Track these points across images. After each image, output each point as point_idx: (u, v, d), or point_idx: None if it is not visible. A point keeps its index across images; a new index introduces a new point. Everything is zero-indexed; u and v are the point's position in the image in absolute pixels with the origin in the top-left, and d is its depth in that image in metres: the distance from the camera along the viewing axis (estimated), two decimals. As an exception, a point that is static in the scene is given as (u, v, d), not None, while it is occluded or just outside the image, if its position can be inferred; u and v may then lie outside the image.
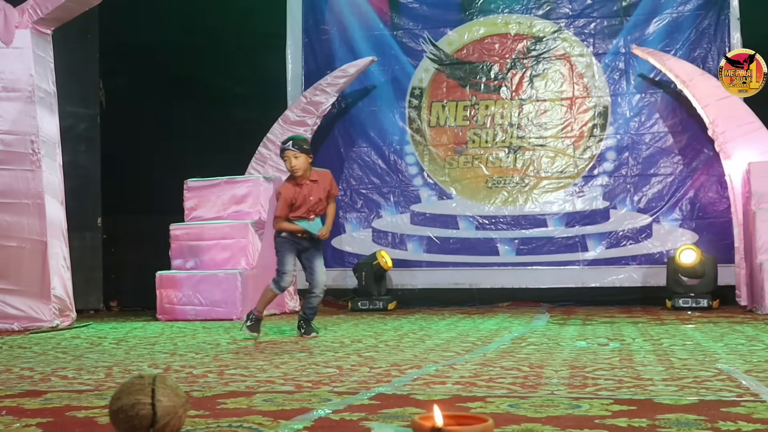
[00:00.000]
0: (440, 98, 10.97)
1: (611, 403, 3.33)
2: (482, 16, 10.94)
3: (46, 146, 8.31)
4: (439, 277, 10.78)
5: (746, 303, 9.24)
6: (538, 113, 10.76)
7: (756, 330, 6.73)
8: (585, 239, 10.53)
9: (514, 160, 10.75)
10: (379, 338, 6.56)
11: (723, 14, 10.30)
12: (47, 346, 6.41)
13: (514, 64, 10.84)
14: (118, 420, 2.58)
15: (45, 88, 8.37)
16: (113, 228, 10.97)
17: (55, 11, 8.25)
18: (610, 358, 4.97)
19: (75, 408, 3.40)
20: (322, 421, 3.04)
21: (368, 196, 11.01)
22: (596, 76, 10.64)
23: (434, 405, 2.45)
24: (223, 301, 9.15)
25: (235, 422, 3.02)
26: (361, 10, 11.11)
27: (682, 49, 10.32)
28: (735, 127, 9.51)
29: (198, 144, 10.83)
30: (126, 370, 4.72)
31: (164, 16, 11.07)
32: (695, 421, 2.92)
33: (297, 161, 6.64)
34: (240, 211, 9.71)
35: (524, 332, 6.84)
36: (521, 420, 2.98)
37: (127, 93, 11.12)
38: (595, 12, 10.68)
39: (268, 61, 11.09)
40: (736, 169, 9.48)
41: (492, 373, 4.36)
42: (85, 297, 9.99)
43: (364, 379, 4.19)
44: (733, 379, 4.01)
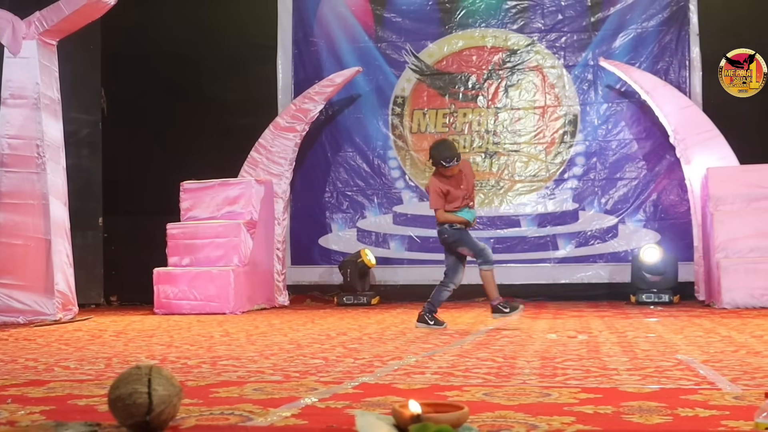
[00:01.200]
0: (421, 106, 10.97)
1: (579, 391, 3.34)
2: (461, 29, 10.94)
3: (51, 150, 8.29)
4: (419, 273, 10.76)
5: (704, 298, 9.28)
6: (512, 121, 10.76)
7: (713, 323, 6.76)
8: (556, 239, 10.54)
9: (490, 165, 10.75)
10: (363, 331, 6.55)
11: (683, 30, 10.33)
12: (51, 338, 6.38)
13: (490, 74, 10.85)
14: (116, 408, 2.57)
15: (50, 95, 8.35)
16: (113, 227, 10.93)
17: (60, 24, 8.24)
18: (579, 349, 4.98)
19: (76, 396, 3.39)
20: (308, 408, 3.04)
21: (353, 197, 10.99)
22: (566, 86, 10.66)
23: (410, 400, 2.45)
24: (216, 296, 9.12)
25: (227, 410, 3.01)
26: (347, 24, 11.09)
27: (646, 62, 10.34)
28: (694, 135, 9.55)
29: (193, 148, 10.79)
30: (125, 361, 4.71)
31: (163, 28, 11.03)
32: (656, 408, 2.93)
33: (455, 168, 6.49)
34: (233, 212, 9.69)
35: (498, 326, 6.84)
36: (495, 408, 2.98)
37: (127, 100, 11.09)
38: (566, 27, 10.69)
39: (260, 70, 11.07)
40: (695, 173, 9.51)
41: (468, 363, 4.36)
42: (86, 292, 9.95)
43: (348, 370, 4.19)
44: (691, 368, 4.03)
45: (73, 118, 9.80)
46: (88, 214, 10.38)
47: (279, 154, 10.39)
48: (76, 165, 9.87)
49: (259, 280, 9.78)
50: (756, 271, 8.50)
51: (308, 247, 11.01)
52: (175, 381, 2.65)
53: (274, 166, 10.36)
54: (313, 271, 10.96)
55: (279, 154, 10.39)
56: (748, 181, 8.97)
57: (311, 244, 11.02)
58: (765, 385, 3.49)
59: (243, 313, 9.06)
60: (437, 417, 2.36)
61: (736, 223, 8.78)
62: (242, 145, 10.42)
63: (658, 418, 2.77)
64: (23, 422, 2.80)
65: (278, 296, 10.20)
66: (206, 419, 2.83)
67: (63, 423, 2.72)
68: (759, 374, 3.82)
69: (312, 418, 2.85)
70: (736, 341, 5.34)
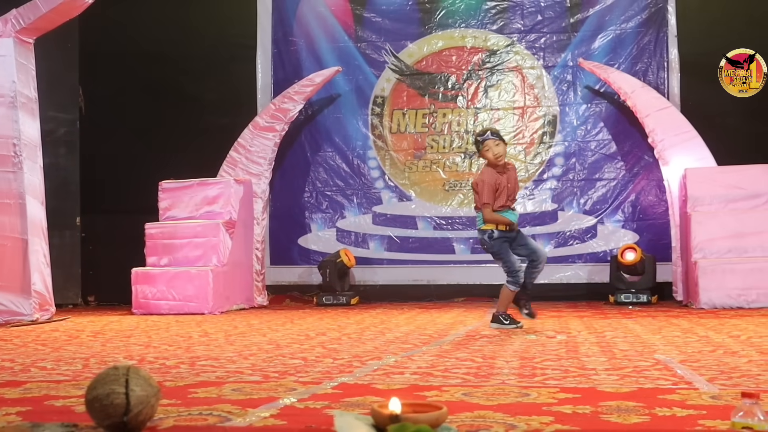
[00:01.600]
0: (401, 106, 10.97)
1: (557, 391, 3.35)
2: (440, 30, 10.96)
3: (28, 149, 8.23)
4: (398, 274, 10.78)
5: (682, 298, 9.34)
6: (492, 121, 10.78)
7: (691, 323, 6.80)
8: (535, 239, 10.53)
9: (470, 165, 10.77)
10: (342, 331, 6.55)
11: (662, 32, 10.39)
12: (27, 338, 6.34)
13: (469, 75, 10.87)
14: (93, 409, 2.56)
15: (27, 93, 8.29)
16: (91, 227, 10.88)
17: (37, 21, 8.18)
18: (557, 349, 5.00)
19: (53, 397, 3.37)
20: (287, 409, 3.04)
21: (333, 197, 10.98)
22: (546, 87, 10.70)
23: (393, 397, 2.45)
24: (195, 296, 9.09)
25: (206, 410, 3.00)
26: (327, 23, 11.08)
27: (624, 63, 10.39)
28: (673, 136, 9.60)
29: (172, 147, 10.74)
30: (102, 362, 4.68)
31: (141, 26, 10.99)
32: (634, 408, 2.95)
33: (499, 149, 6.26)
34: (212, 212, 9.66)
35: (478, 325, 6.86)
36: (474, 408, 2.99)
37: (105, 99, 11.04)
38: (545, 28, 10.73)
39: (240, 70, 11.04)
40: (673, 174, 9.56)
41: (447, 363, 4.37)
42: (64, 292, 9.89)
43: (327, 370, 4.18)
44: (669, 368, 4.05)
45: (50, 117, 9.74)
46: (66, 213, 10.32)
47: (258, 153, 10.37)
48: (54, 164, 9.81)
49: (238, 280, 9.75)
50: (733, 272, 8.55)
51: (287, 247, 11.00)
52: (152, 381, 2.64)
53: (254, 165, 10.34)
54: (293, 271, 10.95)
55: (258, 154, 10.37)
56: (726, 182, 9.04)
57: (290, 244, 11.00)
58: (742, 384, 3.51)
59: (222, 313, 9.03)
60: (416, 417, 2.36)
61: (713, 224, 8.84)
62: (221, 144, 10.39)
63: (636, 417, 2.78)
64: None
65: (257, 296, 10.17)
66: (184, 420, 2.82)
67: (39, 424, 2.70)
68: (736, 374, 3.84)
69: (291, 418, 2.85)
70: (713, 341, 5.38)
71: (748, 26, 9.92)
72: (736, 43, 9.89)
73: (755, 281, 8.52)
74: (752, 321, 6.91)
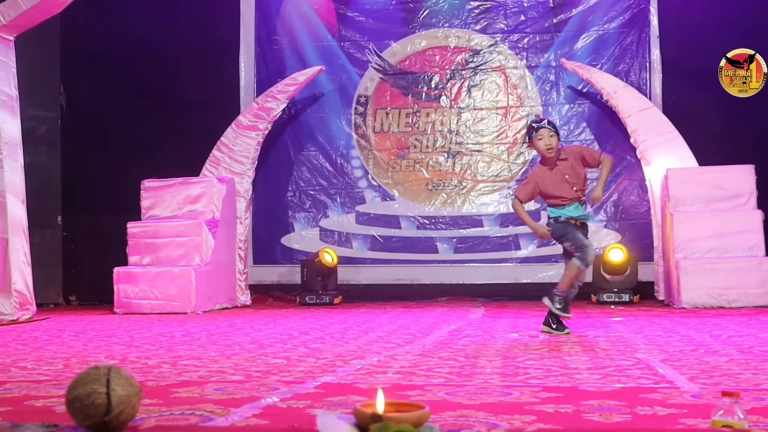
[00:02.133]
0: (384, 106, 10.97)
1: (540, 390, 3.36)
2: (424, 29, 10.97)
3: (8, 147, 8.18)
4: (382, 273, 10.79)
5: (664, 298, 9.38)
6: (475, 121, 10.81)
7: (672, 322, 6.83)
8: (518, 238, 10.60)
9: (453, 165, 10.78)
10: (325, 331, 6.54)
11: (644, 32, 10.44)
12: (8, 338, 6.30)
13: (453, 74, 10.88)
14: (74, 409, 2.55)
15: (7, 91, 8.24)
16: (72, 226, 10.83)
17: (18, 19, 8.12)
18: (540, 348, 5.01)
19: (33, 397, 3.35)
20: (270, 408, 3.03)
21: (316, 197, 10.98)
22: (529, 87, 10.72)
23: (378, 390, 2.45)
24: (177, 295, 9.06)
25: (188, 410, 2.99)
26: (310, 22, 11.07)
27: (607, 64, 10.43)
28: (655, 136, 9.64)
29: (155, 146, 10.71)
30: (84, 361, 4.66)
31: (123, 24, 10.93)
32: (616, 406, 2.96)
33: (552, 140, 5.98)
34: (194, 211, 9.63)
35: (461, 325, 6.87)
36: (457, 407, 2.99)
37: (86, 97, 10.97)
38: (529, 28, 10.76)
39: (223, 68, 11.01)
40: (655, 174, 9.60)
41: (430, 363, 4.37)
42: (45, 291, 9.85)
43: (310, 369, 4.18)
44: (650, 367, 4.07)
45: (31, 115, 9.68)
46: (47, 212, 10.28)
47: (241, 152, 10.35)
48: (35, 162, 9.76)
49: (221, 279, 9.73)
50: (714, 272, 8.60)
51: (271, 247, 10.98)
52: (134, 381, 2.63)
53: (237, 164, 10.32)
54: (276, 271, 10.93)
55: (241, 153, 10.35)
56: (707, 182, 9.08)
57: (274, 243, 10.99)
58: (722, 383, 3.53)
59: (204, 312, 9.01)
60: (398, 417, 2.36)
61: (694, 224, 8.89)
62: (204, 143, 10.36)
63: (617, 416, 2.79)
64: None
65: (240, 295, 10.15)
66: (166, 419, 2.81)
67: (19, 424, 2.69)
68: (716, 373, 3.86)
69: (273, 418, 2.84)
70: (694, 340, 5.40)
71: (730, 28, 9.96)
72: (718, 44, 9.93)
73: (736, 281, 8.57)
74: (733, 320, 6.95)
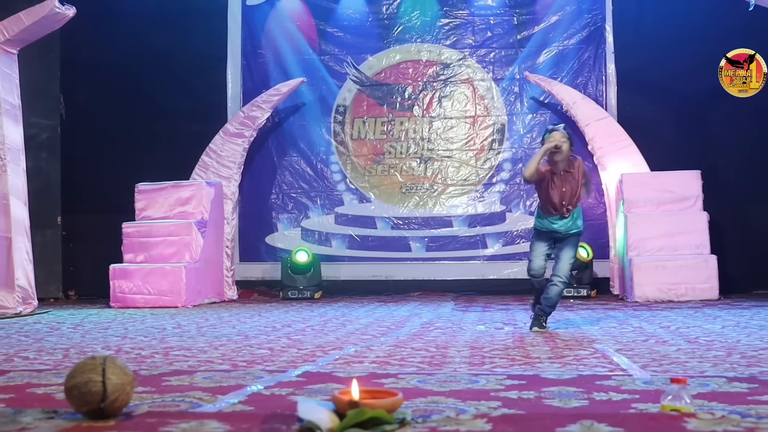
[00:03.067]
0: (361, 115, 10.96)
1: (505, 378, 3.37)
2: (398, 44, 10.97)
3: (12, 153, 8.14)
4: (359, 270, 10.78)
5: (618, 292, 9.44)
6: (445, 129, 10.82)
7: (626, 315, 6.88)
8: (485, 238, 10.62)
9: (425, 170, 10.79)
10: (306, 323, 6.53)
11: (600, 48, 10.49)
12: (11, 330, 6.26)
13: (425, 86, 10.89)
14: (72, 396, 2.54)
15: (11, 101, 8.19)
16: (71, 226, 10.76)
17: (21, 33, 8.09)
18: (505, 340, 5.03)
19: (35, 385, 3.33)
20: (255, 395, 3.03)
21: (298, 199, 10.95)
22: (495, 98, 10.75)
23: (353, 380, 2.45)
24: (169, 290, 9.01)
25: (178, 397, 2.98)
26: (293, 37, 11.05)
27: (567, 77, 10.48)
28: (610, 144, 9.70)
29: (148, 152, 10.65)
30: (82, 352, 4.63)
31: (120, 38, 10.86)
32: (574, 393, 2.97)
33: (564, 145, 5.51)
34: (185, 212, 9.58)
35: (432, 318, 6.88)
36: (428, 393, 3.00)
37: (84, 106, 10.92)
38: (495, 43, 10.79)
39: (211, 80, 10.96)
40: (611, 179, 9.66)
41: (403, 353, 4.38)
42: (46, 287, 9.79)
43: (292, 359, 4.18)
44: (606, 356, 4.09)
45: (33, 123, 9.62)
46: (47, 213, 10.21)
47: (228, 158, 10.32)
48: (36, 167, 9.70)
49: (210, 275, 9.69)
50: (664, 268, 8.67)
51: (256, 245, 10.95)
52: (128, 370, 2.62)
53: (224, 169, 10.28)
54: (260, 268, 10.89)
55: (228, 158, 10.32)
56: (658, 186, 9.15)
57: (258, 242, 10.95)
58: (671, 371, 3.56)
59: (194, 306, 8.97)
60: (373, 403, 2.36)
61: (646, 225, 8.95)
62: (194, 149, 10.32)
63: (575, 402, 2.80)
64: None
65: (227, 291, 10.12)
66: (158, 406, 2.80)
67: (22, 410, 2.67)
68: (666, 361, 3.89)
69: (258, 404, 2.84)
70: (646, 331, 5.44)
71: (679, 43, 10.04)
72: (669, 59, 10.06)
73: (684, 277, 8.64)
74: (681, 313, 7.01)
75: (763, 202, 9.94)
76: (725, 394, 2.91)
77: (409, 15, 10.94)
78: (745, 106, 9.85)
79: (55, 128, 10.57)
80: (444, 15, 10.91)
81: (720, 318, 6.44)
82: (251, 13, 11.12)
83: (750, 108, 9.79)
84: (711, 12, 9.87)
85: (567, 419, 2.40)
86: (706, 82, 10.03)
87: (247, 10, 11.11)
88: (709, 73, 9.90)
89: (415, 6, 10.94)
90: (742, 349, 4.32)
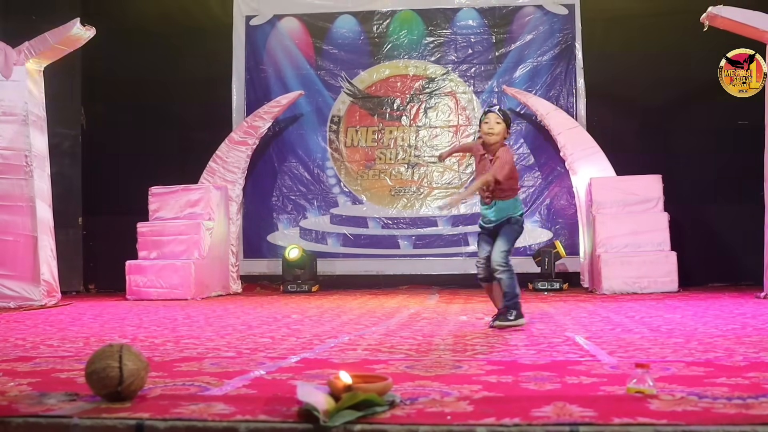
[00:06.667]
0: (354, 124, 10.96)
1: (485, 363, 3.37)
2: (387, 60, 10.97)
3: (38, 160, 8.15)
4: (353, 266, 10.77)
5: (588, 285, 9.46)
6: (430, 137, 10.83)
7: (595, 306, 6.89)
8: (467, 236, 10.63)
9: (412, 174, 10.80)
10: (304, 314, 6.53)
11: (571, 64, 10.52)
12: (37, 320, 6.23)
13: (412, 98, 10.90)
14: (92, 380, 2.53)
15: (37, 113, 8.20)
16: (91, 226, 10.74)
17: (46, 52, 8.16)
18: (485, 329, 5.02)
19: (59, 371, 3.32)
20: (257, 380, 3.02)
21: (296, 201, 10.94)
22: (476, 108, 10.76)
23: (341, 371, 2.45)
24: (179, 284, 9.00)
25: (188, 382, 2.97)
26: (292, 54, 11.04)
27: (540, 90, 10.50)
28: (580, 151, 9.72)
29: (160, 158, 10.63)
30: (100, 340, 4.62)
31: (135, 56, 10.83)
32: (548, 377, 2.97)
33: (497, 127, 5.00)
34: (194, 213, 9.56)
35: (419, 309, 6.88)
36: (415, 378, 2.99)
37: (103, 117, 10.91)
38: (475, 59, 10.80)
39: (218, 93, 10.94)
40: (581, 182, 9.68)
41: (393, 341, 4.37)
42: (68, 281, 9.74)
43: (291, 347, 4.17)
44: (577, 344, 4.10)
45: (56, 132, 9.58)
46: (70, 214, 10.17)
47: (233, 164, 10.31)
48: (60, 172, 9.64)
49: (216, 271, 9.68)
50: (629, 263, 8.70)
51: (258, 243, 10.93)
52: (142, 357, 2.61)
53: (229, 174, 10.27)
54: (262, 263, 10.88)
55: (233, 164, 10.30)
56: (624, 189, 9.17)
57: (260, 240, 10.94)
58: (635, 356, 3.57)
59: (202, 299, 8.95)
60: (366, 387, 2.36)
61: (613, 224, 8.97)
62: (202, 156, 10.31)
63: (549, 385, 2.81)
64: (12, 393, 2.73)
65: (232, 284, 10.10)
66: (170, 390, 2.80)
67: (46, 393, 2.66)
68: (631, 348, 3.90)
69: (260, 388, 2.83)
70: (613, 321, 5.45)
71: (643, 60, 10.07)
72: (632, 75, 10.09)
73: (647, 271, 8.67)
74: (644, 304, 7.02)
75: (717, 203, 10.00)
76: (684, 377, 2.92)
77: (397, 34, 10.95)
78: (701, 117, 9.92)
79: (76, 137, 10.54)
80: (429, 34, 10.91)
81: (679, 308, 6.46)
82: (254, 33, 11.11)
83: (705, 118, 9.86)
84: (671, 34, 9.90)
85: (542, 401, 2.40)
86: (667, 95, 10.12)
87: (251, 30, 11.10)
88: (668, 87, 9.99)
89: (403, 26, 10.95)
90: (699, 337, 4.33)
